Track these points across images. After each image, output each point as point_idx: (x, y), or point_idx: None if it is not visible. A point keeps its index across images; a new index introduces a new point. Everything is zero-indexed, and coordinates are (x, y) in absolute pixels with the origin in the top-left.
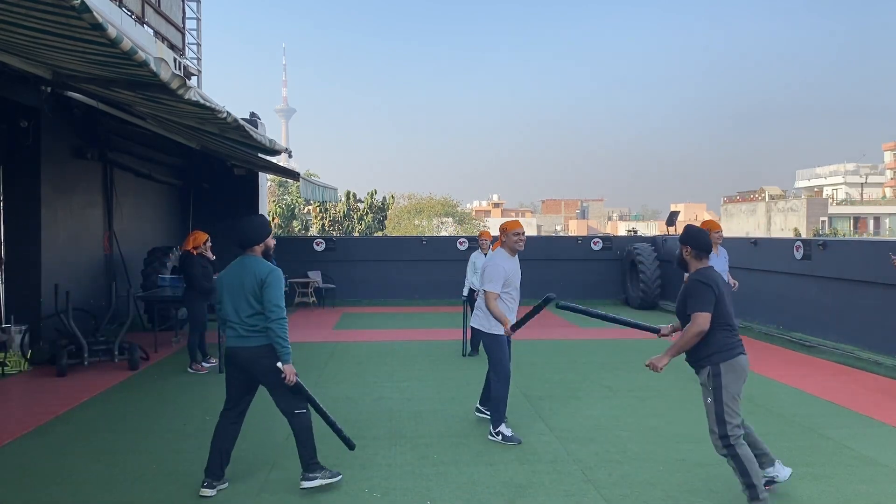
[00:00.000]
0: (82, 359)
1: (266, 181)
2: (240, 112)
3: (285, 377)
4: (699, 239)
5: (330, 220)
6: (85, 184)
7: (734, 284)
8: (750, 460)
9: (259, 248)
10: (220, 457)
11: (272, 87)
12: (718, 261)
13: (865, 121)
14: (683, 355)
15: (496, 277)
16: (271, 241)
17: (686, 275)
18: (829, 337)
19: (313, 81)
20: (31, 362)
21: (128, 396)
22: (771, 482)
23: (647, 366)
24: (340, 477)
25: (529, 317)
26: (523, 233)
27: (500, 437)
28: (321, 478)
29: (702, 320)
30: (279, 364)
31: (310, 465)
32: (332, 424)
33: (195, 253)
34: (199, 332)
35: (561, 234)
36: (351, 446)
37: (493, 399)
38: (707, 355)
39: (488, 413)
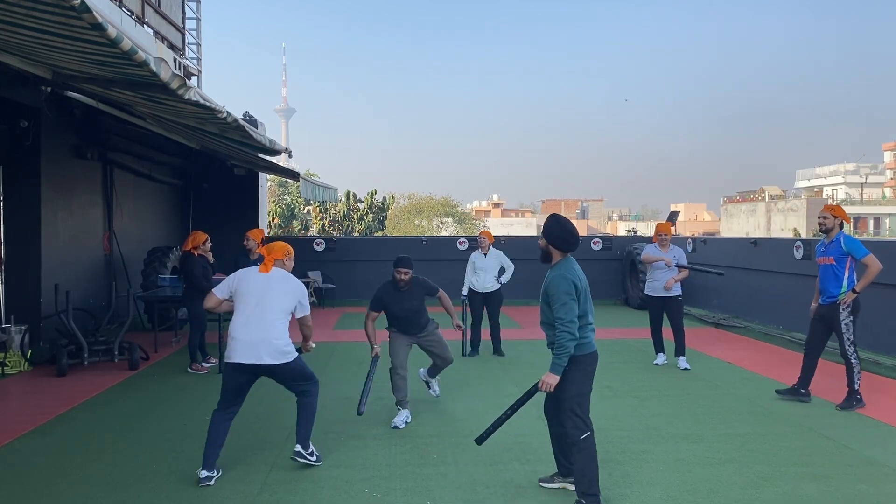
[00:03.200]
0: (82, 359)
1: (266, 181)
2: (238, 112)
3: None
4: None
5: (330, 220)
6: (85, 184)
7: (669, 284)
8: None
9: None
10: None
11: (272, 87)
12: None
13: (865, 121)
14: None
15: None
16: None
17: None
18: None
19: (313, 81)
20: (31, 362)
21: (128, 396)
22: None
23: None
24: None
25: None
26: None
27: (314, 458)
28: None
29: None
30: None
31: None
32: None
33: (195, 253)
34: (199, 333)
35: None
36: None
37: (310, 416)
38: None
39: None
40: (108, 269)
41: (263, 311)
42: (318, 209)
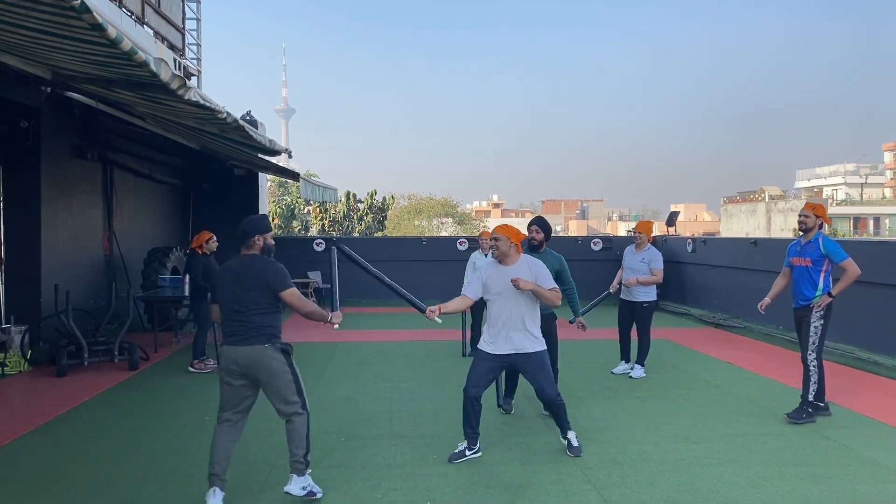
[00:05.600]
0: (82, 359)
1: (266, 181)
2: (238, 112)
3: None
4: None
5: (330, 221)
6: (85, 184)
7: (630, 282)
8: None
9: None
10: None
11: (272, 87)
12: (635, 258)
13: (865, 121)
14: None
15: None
16: (270, 241)
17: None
18: (829, 337)
19: (313, 81)
20: (31, 362)
21: (128, 396)
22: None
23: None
24: None
25: None
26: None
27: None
28: None
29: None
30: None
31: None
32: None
33: (200, 252)
34: (204, 332)
35: (561, 234)
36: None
37: None
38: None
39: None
40: (108, 269)
41: None
42: (318, 209)
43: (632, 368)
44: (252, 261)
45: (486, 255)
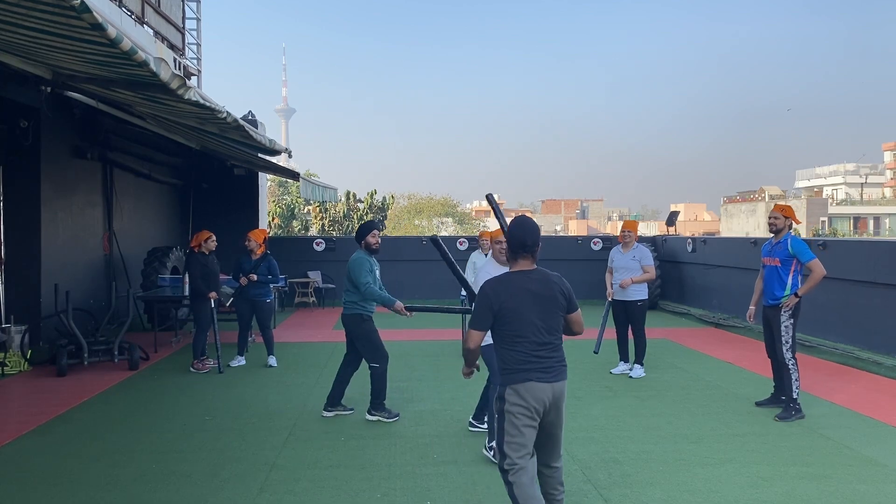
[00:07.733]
0: (82, 359)
1: (266, 181)
2: (238, 112)
3: None
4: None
5: (330, 220)
6: (85, 184)
7: (625, 283)
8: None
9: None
10: None
11: (272, 87)
12: (625, 257)
13: (865, 121)
14: None
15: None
16: None
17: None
18: (829, 337)
19: (313, 82)
20: (31, 362)
21: (128, 396)
22: None
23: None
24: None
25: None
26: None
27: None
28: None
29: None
30: None
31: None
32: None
33: (197, 251)
34: (203, 331)
35: (561, 234)
36: None
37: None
38: None
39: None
40: (108, 269)
41: None
42: (318, 209)
43: (631, 368)
44: (548, 276)
45: (485, 254)
